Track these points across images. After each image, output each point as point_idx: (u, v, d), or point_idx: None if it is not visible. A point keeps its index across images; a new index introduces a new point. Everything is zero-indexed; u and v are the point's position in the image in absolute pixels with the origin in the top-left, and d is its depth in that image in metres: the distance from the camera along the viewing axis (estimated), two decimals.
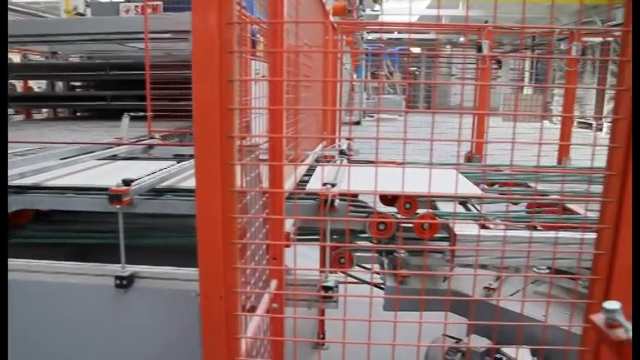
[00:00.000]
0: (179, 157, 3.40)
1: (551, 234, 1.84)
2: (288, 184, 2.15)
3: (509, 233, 1.94)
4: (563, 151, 4.37)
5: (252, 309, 1.69)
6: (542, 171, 1.37)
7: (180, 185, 2.60)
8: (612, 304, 0.89)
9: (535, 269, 2.39)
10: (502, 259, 1.62)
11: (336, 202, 2.02)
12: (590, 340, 1.31)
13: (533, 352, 1.98)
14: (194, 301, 1.44)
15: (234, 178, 1.24)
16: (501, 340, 1.85)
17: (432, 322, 1.35)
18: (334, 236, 2.38)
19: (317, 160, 3.06)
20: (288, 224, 2.11)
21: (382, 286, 2.51)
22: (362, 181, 2.26)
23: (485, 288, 2.27)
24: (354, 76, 13.60)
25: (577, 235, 1.51)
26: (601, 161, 1.31)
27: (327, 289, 1.88)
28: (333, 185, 2.09)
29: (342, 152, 3.17)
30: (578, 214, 2.41)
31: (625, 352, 0.86)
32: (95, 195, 2.36)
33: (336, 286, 1.96)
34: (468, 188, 2.43)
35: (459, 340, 2.26)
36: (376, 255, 2.58)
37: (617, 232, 1.23)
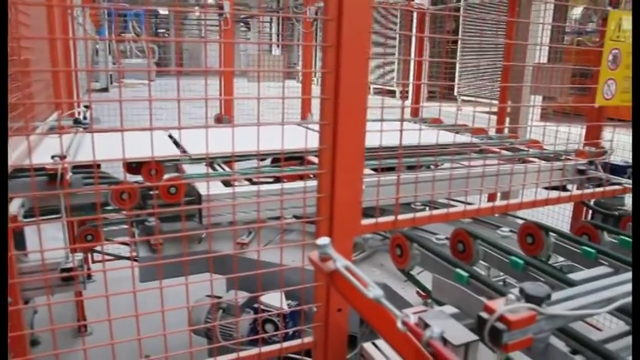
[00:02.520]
0: None
1: (279, 186, 1.97)
2: (11, 160, 1.88)
3: (245, 189, 2.02)
4: (306, 107, 4.69)
5: None
6: (264, 124, 1.42)
7: None
8: (323, 240, 0.99)
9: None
10: (233, 214, 1.68)
11: (69, 175, 1.84)
12: (322, 276, 1.45)
13: (293, 296, 2.12)
14: None
15: None
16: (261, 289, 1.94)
17: (171, 285, 1.35)
18: (82, 212, 2.18)
19: (51, 131, 2.74)
20: (16, 205, 1.86)
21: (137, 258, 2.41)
22: (103, 151, 2.09)
23: (238, 243, 2.35)
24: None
25: (302, 184, 1.63)
26: None
27: (66, 270, 1.72)
28: (62, 157, 1.89)
29: (77, 121, 2.89)
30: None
31: (335, 280, 0.97)
32: None
33: (80, 266, 1.81)
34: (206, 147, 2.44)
35: (219, 298, 2.31)
36: (127, 227, 2.47)
37: (333, 176, 1.36)
